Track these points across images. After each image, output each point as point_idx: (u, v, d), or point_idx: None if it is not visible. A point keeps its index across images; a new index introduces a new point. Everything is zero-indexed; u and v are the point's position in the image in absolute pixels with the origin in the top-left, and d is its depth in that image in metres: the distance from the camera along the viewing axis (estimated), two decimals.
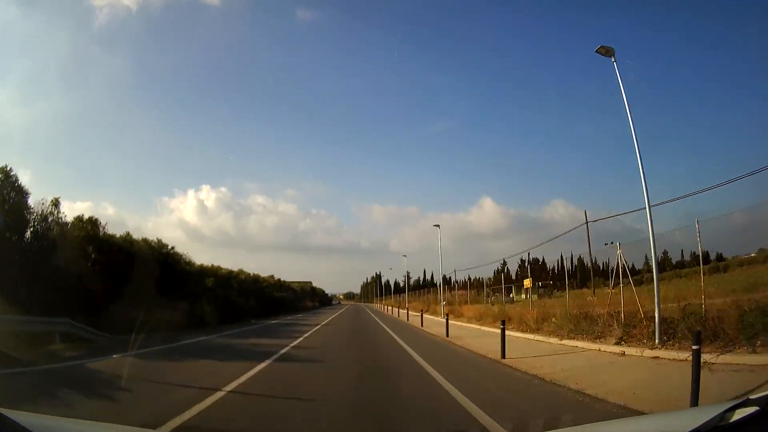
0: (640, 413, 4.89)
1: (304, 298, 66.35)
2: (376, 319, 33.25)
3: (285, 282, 56.17)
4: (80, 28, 78.10)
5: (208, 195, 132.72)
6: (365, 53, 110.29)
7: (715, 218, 10.98)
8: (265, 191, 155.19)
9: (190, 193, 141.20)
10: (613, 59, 10.80)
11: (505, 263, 58.14)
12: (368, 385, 7.58)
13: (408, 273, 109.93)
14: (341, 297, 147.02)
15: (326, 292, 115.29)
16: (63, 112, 72.08)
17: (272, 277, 50.36)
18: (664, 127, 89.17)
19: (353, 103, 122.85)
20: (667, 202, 16.95)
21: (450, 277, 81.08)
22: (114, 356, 10.06)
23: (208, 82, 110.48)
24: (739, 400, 1.69)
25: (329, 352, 12.85)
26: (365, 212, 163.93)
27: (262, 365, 9.34)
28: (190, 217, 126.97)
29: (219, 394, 6.35)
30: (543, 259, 63.86)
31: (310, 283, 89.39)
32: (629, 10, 77.16)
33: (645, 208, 9.98)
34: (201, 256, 37.42)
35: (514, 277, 45.42)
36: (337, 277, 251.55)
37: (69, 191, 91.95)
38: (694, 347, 5.30)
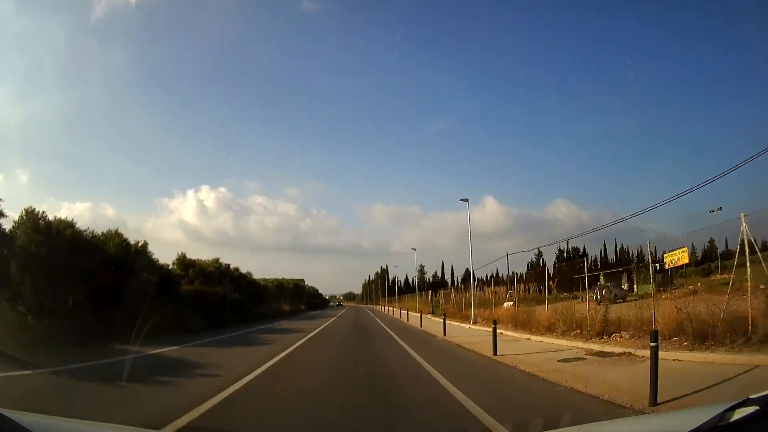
0: None
1: (278, 299, 46.91)
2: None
3: (237, 272, 35.91)
4: (77, 22, 76.63)
5: (208, 195, 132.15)
6: (366, 52, 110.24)
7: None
8: (265, 191, 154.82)
9: (190, 193, 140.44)
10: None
11: (540, 253, 53.32)
12: None
13: (422, 266, 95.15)
14: (341, 298, 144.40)
15: (327, 292, 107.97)
16: (61, 110, 71.16)
17: (216, 260, 32.87)
18: (665, 127, 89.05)
19: (354, 102, 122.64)
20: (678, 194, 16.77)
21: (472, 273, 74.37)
22: None
23: (207, 80, 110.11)
24: (738, 400, 1.69)
25: None
26: (366, 212, 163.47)
27: None
28: (190, 217, 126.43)
29: None
30: (584, 248, 58.18)
31: (302, 280, 77.58)
32: (629, 10, 76.93)
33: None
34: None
35: (551, 271, 35.08)
36: (337, 278, 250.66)
37: (68, 191, 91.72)
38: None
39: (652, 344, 5.69)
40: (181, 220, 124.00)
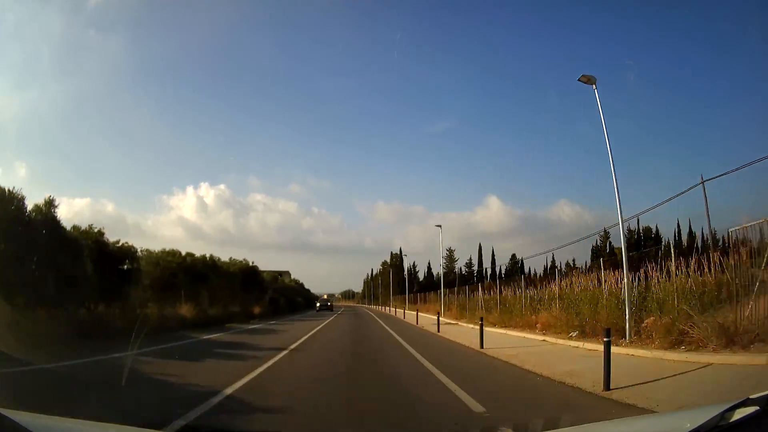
0: None
1: (188, 295, 20.20)
2: None
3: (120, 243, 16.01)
4: (75, 9, 74.08)
5: (207, 192, 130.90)
6: (366, 51, 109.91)
7: None
8: (266, 189, 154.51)
9: (189, 190, 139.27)
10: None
11: (607, 234, 41.63)
12: None
13: (451, 250, 72.44)
14: (338, 296, 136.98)
15: (326, 291, 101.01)
16: (60, 104, 69.56)
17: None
18: (666, 126, 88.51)
19: (355, 102, 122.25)
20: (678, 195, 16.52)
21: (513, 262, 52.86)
22: None
23: (208, 75, 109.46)
24: (739, 400, 1.69)
25: None
26: (369, 211, 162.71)
27: None
28: (190, 214, 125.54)
29: None
30: (657, 228, 52.08)
31: (288, 272, 65.87)
32: (629, 10, 76.38)
33: None
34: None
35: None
36: (337, 277, 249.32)
37: (67, 187, 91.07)
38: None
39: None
40: (181, 217, 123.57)
